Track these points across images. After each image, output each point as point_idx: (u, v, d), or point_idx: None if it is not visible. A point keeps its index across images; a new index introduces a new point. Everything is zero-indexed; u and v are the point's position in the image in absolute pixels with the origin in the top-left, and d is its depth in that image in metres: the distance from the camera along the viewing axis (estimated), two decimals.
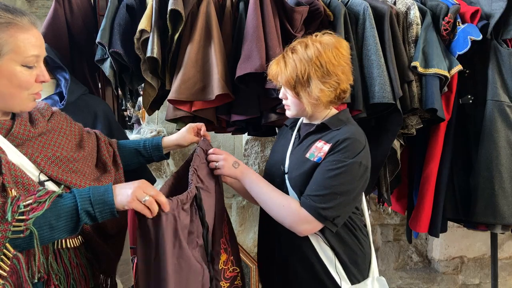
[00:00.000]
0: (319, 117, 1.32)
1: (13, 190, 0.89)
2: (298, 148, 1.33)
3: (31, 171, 1.00)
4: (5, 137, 0.98)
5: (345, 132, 1.24)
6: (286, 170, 1.31)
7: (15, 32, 0.95)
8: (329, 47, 1.24)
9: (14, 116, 1.04)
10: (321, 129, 1.30)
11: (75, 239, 1.07)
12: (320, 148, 1.25)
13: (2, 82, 0.96)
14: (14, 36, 0.95)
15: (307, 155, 1.27)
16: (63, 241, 1.03)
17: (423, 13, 1.76)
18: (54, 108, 1.20)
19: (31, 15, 1.01)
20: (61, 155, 1.07)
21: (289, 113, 1.33)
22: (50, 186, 1.02)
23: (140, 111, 2.74)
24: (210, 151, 1.29)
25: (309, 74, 1.22)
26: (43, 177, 1.01)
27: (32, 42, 0.97)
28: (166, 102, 1.63)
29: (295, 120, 1.43)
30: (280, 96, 1.33)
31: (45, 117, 1.12)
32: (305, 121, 1.37)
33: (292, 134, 1.39)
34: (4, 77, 0.96)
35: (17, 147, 0.99)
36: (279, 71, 1.26)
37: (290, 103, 1.30)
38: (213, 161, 1.27)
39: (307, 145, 1.30)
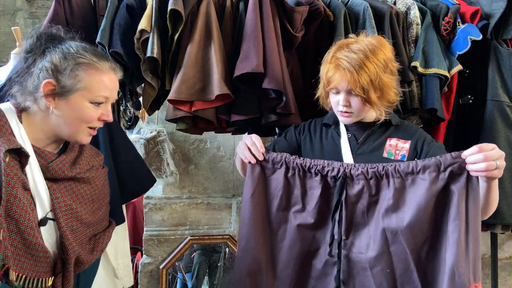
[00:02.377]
0: (371, 116, 1.31)
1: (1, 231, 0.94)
2: (363, 148, 1.29)
3: (44, 206, 1.05)
4: (42, 166, 1.06)
5: (411, 125, 1.32)
6: None
7: (93, 73, 1.08)
8: (385, 46, 1.25)
9: (63, 151, 1.13)
10: (383, 126, 1.30)
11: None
12: (395, 146, 1.24)
13: (66, 111, 1.07)
14: (90, 76, 1.07)
15: (385, 155, 1.24)
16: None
17: (423, 13, 1.76)
18: (105, 166, 1.27)
19: (114, 62, 1.15)
20: (75, 208, 1.11)
21: (348, 120, 1.27)
22: (49, 226, 1.06)
23: (140, 111, 2.74)
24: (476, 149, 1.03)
25: (380, 76, 1.20)
26: (50, 216, 1.06)
27: (105, 84, 1.10)
28: (166, 102, 1.63)
29: (335, 119, 1.37)
30: (343, 104, 1.24)
31: (91, 165, 1.18)
32: (354, 121, 1.31)
33: (339, 134, 1.35)
34: (71, 108, 1.07)
35: (48, 180, 1.07)
36: (349, 76, 1.19)
37: (355, 110, 1.25)
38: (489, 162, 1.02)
39: (376, 145, 1.27)
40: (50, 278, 1.07)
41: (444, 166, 1.05)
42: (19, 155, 1.01)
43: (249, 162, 1.23)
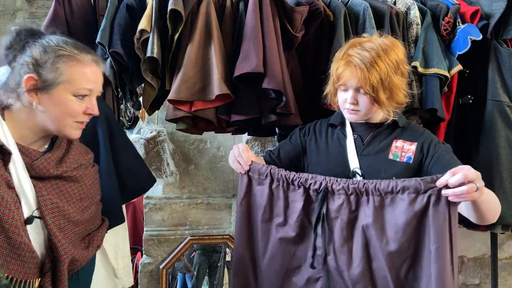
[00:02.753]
0: (377, 117, 1.31)
1: None
2: (369, 149, 1.28)
3: (30, 204, 1.04)
4: (26, 164, 1.04)
5: (418, 127, 1.32)
6: (360, 173, 1.24)
7: (74, 65, 1.06)
8: (398, 47, 1.24)
9: (50, 149, 1.12)
10: (390, 127, 1.29)
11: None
12: (401, 148, 1.24)
13: (50, 106, 1.05)
14: (71, 68, 1.05)
15: (391, 157, 1.24)
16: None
17: (423, 13, 1.76)
18: (95, 164, 1.25)
19: (96, 55, 1.13)
20: (62, 206, 1.09)
21: (355, 118, 1.27)
22: (36, 225, 1.05)
23: (140, 111, 2.74)
24: (461, 173, 0.99)
25: (390, 76, 1.19)
26: (36, 214, 1.05)
27: (88, 76, 1.08)
28: (166, 102, 1.63)
29: (342, 119, 1.37)
30: (351, 101, 1.24)
31: (79, 164, 1.16)
32: (360, 120, 1.31)
33: (344, 134, 1.35)
34: (54, 102, 1.05)
35: (33, 177, 1.05)
36: (359, 73, 1.18)
37: (362, 108, 1.24)
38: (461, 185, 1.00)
39: (382, 146, 1.27)
40: (37, 279, 1.05)
41: (424, 189, 1.05)
42: (2, 153, 1.00)
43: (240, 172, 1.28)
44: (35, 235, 1.05)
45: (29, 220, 1.03)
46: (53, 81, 1.04)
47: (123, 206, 1.71)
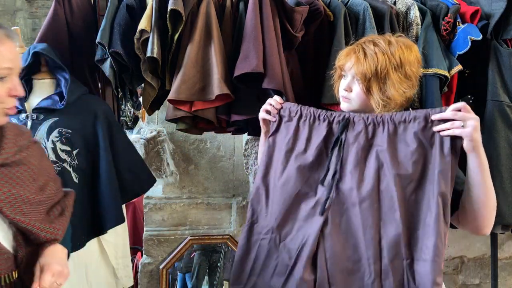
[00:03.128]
0: (371, 111, 1.29)
1: None
2: None
3: None
4: None
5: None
6: None
7: None
8: (411, 50, 1.24)
9: None
10: None
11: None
12: None
13: None
14: None
15: None
16: None
17: (423, 13, 1.76)
18: (36, 140, 1.17)
19: (8, 28, 1.01)
20: (17, 193, 1.03)
21: (346, 106, 1.28)
22: None
23: (140, 111, 2.74)
24: (460, 105, 1.11)
25: (388, 70, 1.20)
26: None
27: (5, 55, 0.96)
28: (166, 102, 1.63)
29: None
30: (345, 88, 1.27)
31: (19, 146, 1.07)
32: (352, 109, 1.30)
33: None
34: None
35: None
36: (355, 60, 1.21)
37: (354, 97, 1.26)
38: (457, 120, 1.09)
39: None
40: (14, 271, 1.02)
41: (431, 118, 1.15)
42: None
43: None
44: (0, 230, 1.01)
45: None
46: None
47: (123, 206, 1.71)
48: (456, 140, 1.12)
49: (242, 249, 1.29)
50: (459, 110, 1.11)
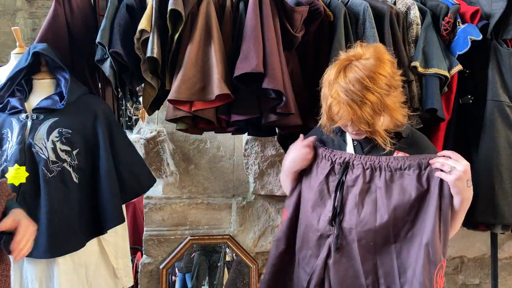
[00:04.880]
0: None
1: None
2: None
3: None
4: None
5: (422, 139, 1.39)
6: None
7: None
8: (383, 61, 1.22)
9: None
10: (393, 138, 1.30)
11: None
12: None
13: None
14: None
15: None
16: None
17: (423, 13, 1.76)
18: None
19: None
20: None
21: (358, 137, 1.33)
22: None
23: (140, 111, 2.74)
24: (448, 153, 1.23)
25: (385, 102, 1.20)
26: None
27: None
28: (166, 102, 1.63)
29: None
30: (352, 131, 1.30)
31: None
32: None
33: (345, 141, 1.39)
34: None
35: None
36: (351, 114, 1.19)
37: (363, 131, 1.28)
38: (447, 164, 1.19)
39: (382, 155, 1.29)
40: None
41: (424, 165, 1.25)
42: None
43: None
44: None
45: None
46: None
47: (123, 206, 1.71)
48: (443, 184, 1.23)
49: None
50: (446, 157, 1.21)
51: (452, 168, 1.18)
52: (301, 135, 1.43)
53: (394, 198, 1.25)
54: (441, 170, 1.20)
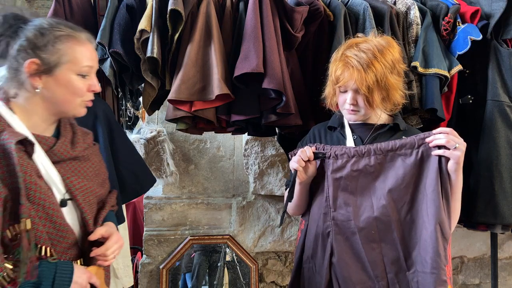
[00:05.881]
0: (375, 118, 1.34)
1: (28, 221, 0.95)
2: None
3: (59, 188, 1.07)
4: (46, 151, 1.06)
5: (417, 131, 1.36)
6: None
7: (74, 44, 1.07)
8: (393, 46, 1.28)
9: (57, 134, 1.14)
10: (392, 130, 1.34)
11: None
12: None
13: (59, 90, 1.06)
14: (72, 48, 1.06)
15: None
16: None
17: (423, 13, 1.76)
18: (95, 142, 1.28)
19: (88, 33, 1.13)
20: (88, 184, 1.14)
21: (355, 117, 1.33)
22: (69, 207, 1.09)
23: (140, 111, 2.74)
24: (447, 130, 1.20)
25: (386, 77, 1.24)
26: (67, 196, 1.08)
27: (87, 55, 1.09)
28: (166, 102, 1.63)
29: (340, 121, 1.41)
30: (350, 102, 1.29)
31: (85, 143, 1.19)
32: (358, 121, 1.36)
33: (344, 136, 1.38)
34: (62, 85, 1.06)
35: (53, 163, 1.07)
36: (356, 74, 1.23)
37: (361, 108, 1.30)
38: (452, 140, 1.17)
39: None
40: (79, 260, 1.10)
41: (417, 144, 1.22)
42: (24, 145, 1.00)
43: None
44: (69, 217, 1.08)
45: (63, 203, 1.06)
46: (56, 63, 1.04)
47: (123, 206, 1.71)
48: (442, 161, 1.20)
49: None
50: (447, 134, 1.19)
51: (457, 144, 1.16)
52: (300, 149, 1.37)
53: (388, 181, 1.23)
54: (444, 148, 1.17)
